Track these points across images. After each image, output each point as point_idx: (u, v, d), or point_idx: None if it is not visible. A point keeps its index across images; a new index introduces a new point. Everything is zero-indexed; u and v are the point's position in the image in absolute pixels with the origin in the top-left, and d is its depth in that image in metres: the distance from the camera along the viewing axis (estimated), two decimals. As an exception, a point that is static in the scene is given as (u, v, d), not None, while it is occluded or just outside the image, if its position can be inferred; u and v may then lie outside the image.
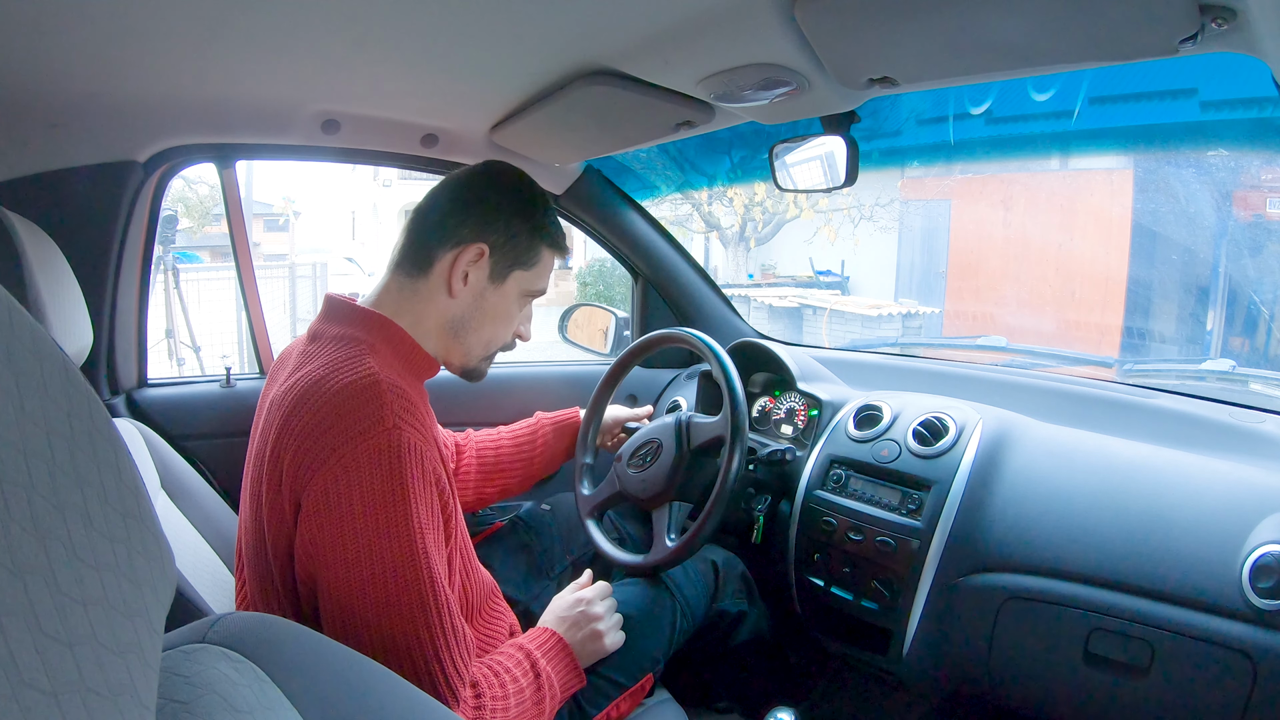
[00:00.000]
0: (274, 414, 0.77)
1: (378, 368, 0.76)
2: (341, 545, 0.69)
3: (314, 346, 0.82)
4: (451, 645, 0.73)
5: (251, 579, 0.81)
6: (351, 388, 0.73)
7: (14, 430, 0.21)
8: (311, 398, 0.73)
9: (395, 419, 0.71)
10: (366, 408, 0.71)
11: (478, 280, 0.86)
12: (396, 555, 0.70)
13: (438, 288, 0.85)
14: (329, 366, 0.76)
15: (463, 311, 0.87)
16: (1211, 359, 4.48)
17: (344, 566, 0.69)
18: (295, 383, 0.76)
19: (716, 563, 1.16)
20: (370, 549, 0.69)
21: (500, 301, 0.88)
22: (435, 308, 0.86)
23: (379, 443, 0.70)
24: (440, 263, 0.84)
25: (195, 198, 10.86)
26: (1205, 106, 3.70)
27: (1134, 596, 0.86)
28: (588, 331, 1.77)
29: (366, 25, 0.82)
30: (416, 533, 0.71)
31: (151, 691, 0.26)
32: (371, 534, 0.69)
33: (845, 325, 7.23)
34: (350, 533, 0.69)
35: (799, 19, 0.69)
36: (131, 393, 1.32)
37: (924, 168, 7.35)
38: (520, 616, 1.05)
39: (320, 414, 0.72)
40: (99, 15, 0.76)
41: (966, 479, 1.02)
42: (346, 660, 0.46)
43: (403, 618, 0.70)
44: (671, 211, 9.49)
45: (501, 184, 0.89)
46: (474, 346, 0.90)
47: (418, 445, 0.72)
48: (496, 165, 0.91)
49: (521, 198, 0.88)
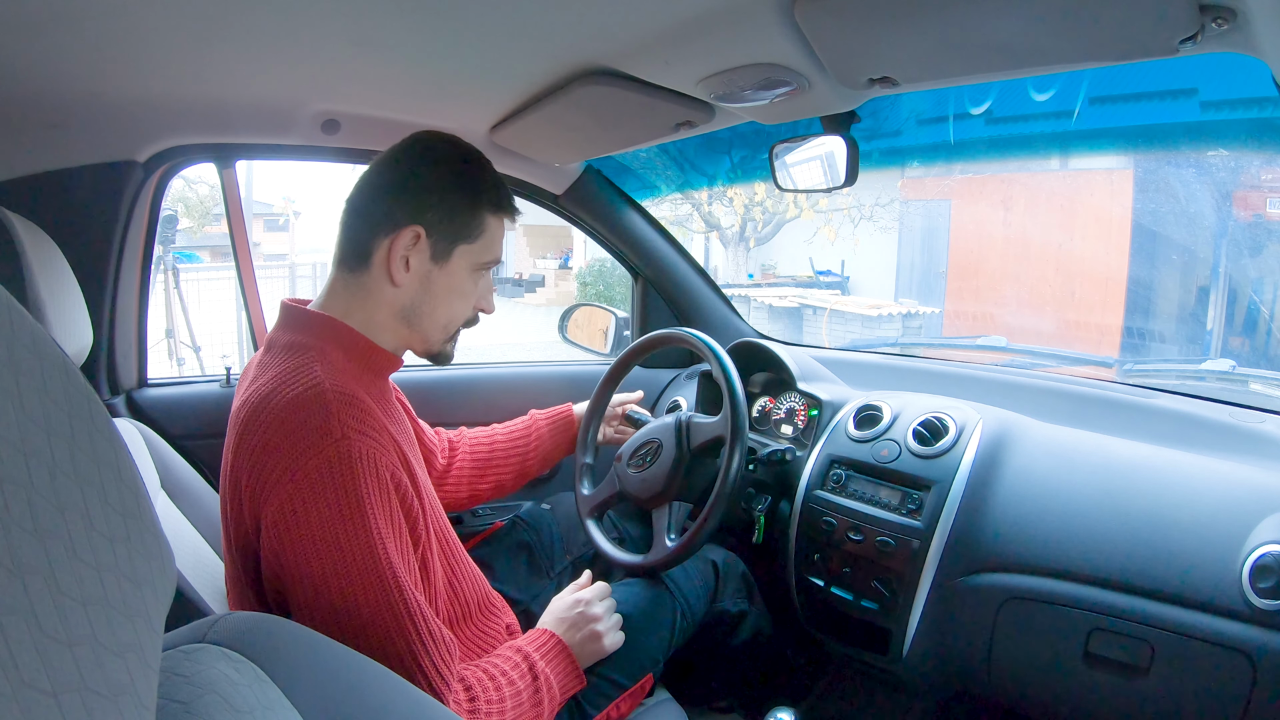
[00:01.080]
0: (231, 431, 0.76)
1: (323, 376, 0.74)
2: (305, 563, 0.68)
3: (268, 357, 0.80)
4: (430, 649, 0.72)
5: (231, 580, 0.81)
6: (296, 401, 0.71)
7: (14, 430, 0.21)
8: (260, 414, 0.72)
9: (343, 429, 0.70)
10: (312, 420, 0.70)
11: (420, 264, 0.81)
12: (359, 567, 0.68)
13: (380, 279, 0.81)
14: (276, 379, 0.74)
15: (411, 298, 0.82)
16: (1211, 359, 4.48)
17: (309, 583, 0.69)
18: (248, 398, 0.75)
19: (716, 563, 1.16)
20: (333, 565, 0.68)
21: (449, 280, 0.83)
22: (383, 299, 0.82)
23: (328, 455, 0.69)
24: (377, 253, 0.80)
25: (195, 198, 10.86)
26: (1205, 106, 3.70)
27: (1134, 596, 0.86)
28: (588, 331, 1.77)
29: (366, 25, 0.82)
30: (377, 542, 0.69)
31: (151, 691, 0.26)
32: (332, 550, 0.68)
33: (845, 325, 7.23)
34: (311, 551, 0.68)
35: (799, 19, 0.69)
36: (131, 393, 1.32)
37: (924, 168, 7.35)
38: (520, 616, 1.05)
39: (269, 431, 0.71)
40: (99, 15, 0.76)
41: (966, 479, 1.02)
42: (346, 660, 0.46)
43: (375, 628, 0.69)
44: (671, 211, 9.49)
45: (430, 157, 0.82)
46: (431, 331, 0.85)
47: (369, 452, 0.71)
48: (423, 137, 0.84)
49: (453, 168, 0.82)
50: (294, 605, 0.70)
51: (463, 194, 0.82)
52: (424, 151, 0.83)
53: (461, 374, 1.58)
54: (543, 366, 1.68)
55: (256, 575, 0.75)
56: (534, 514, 1.27)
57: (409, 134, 0.86)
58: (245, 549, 0.74)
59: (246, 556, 0.74)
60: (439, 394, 1.51)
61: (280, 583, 0.71)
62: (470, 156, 0.84)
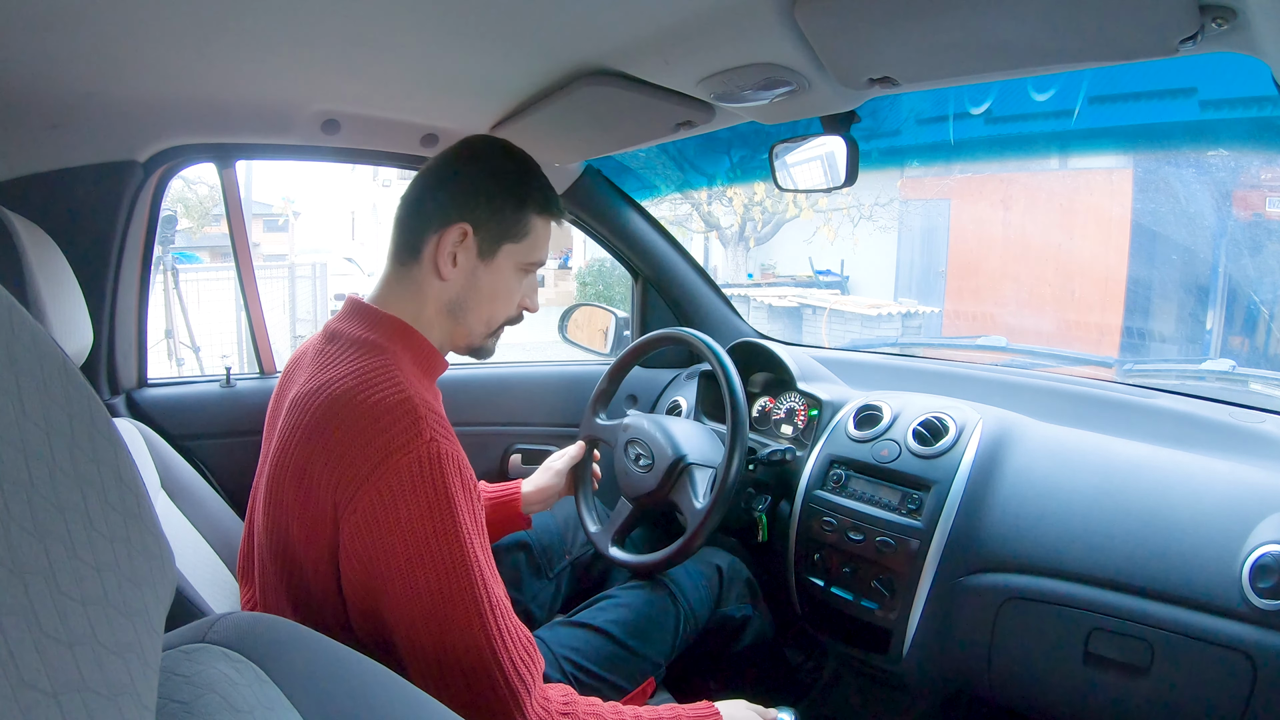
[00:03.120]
0: (298, 416, 0.75)
1: (406, 382, 0.75)
2: (393, 558, 0.70)
3: (333, 348, 0.80)
4: (511, 647, 0.73)
5: (273, 588, 0.79)
6: (386, 404, 0.72)
7: (14, 430, 0.21)
8: (345, 411, 0.73)
9: (431, 432, 0.72)
10: (403, 422, 0.71)
11: (467, 260, 0.83)
12: (448, 563, 0.70)
13: (429, 273, 0.83)
14: (358, 377, 0.75)
15: (458, 293, 0.85)
16: (1211, 359, 4.48)
17: (398, 579, 0.70)
18: (322, 388, 0.75)
19: (721, 567, 1.16)
20: (422, 559, 0.69)
21: (495, 278, 0.86)
22: (431, 293, 0.84)
23: (419, 455, 0.70)
24: (427, 248, 0.83)
25: (195, 198, 10.86)
26: (1205, 106, 3.70)
27: (1134, 596, 0.86)
28: (588, 331, 1.77)
29: (366, 25, 0.82)
30: (466, 539, 0.71)
31: (151, 691, 0.26)
32: (421, 544, 0.69)
33: (845, 325, 7.24)
34: (400, 545, 0.69)
35: (799, 19, 0.69)
36: (131, 393, 1.32)
37: (923, 167, 7.35)
38: (520, 616, 1.05)
39: (356, 429, 0.72)
40: (99, 15, 0.76)
41: (966, 479, 1.02)
42: (347, 660, 0.46)
43: (458, 624, 0.70)
44: (671, 211, 9.49)
45: (481, 157, 0.86)
46: (475, 325, 0.87)
47: (455, 455, 0.73)
48: (477, 140, 0.88)
49: (503, 169, 0.85)
50: (382, 602, 0.71)
51: (510, 195, 0.84)
52: (475, 153, 0.86)
53: (462, 374, 1.58)
54: (543, 366, 1.68)
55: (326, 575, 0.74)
56: (534, 514, 1.27)
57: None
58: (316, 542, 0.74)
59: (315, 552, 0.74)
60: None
61: (367, 578, 0.71)
62: (519, 159, 0.87)
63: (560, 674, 0.96)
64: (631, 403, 1.60)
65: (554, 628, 1.03)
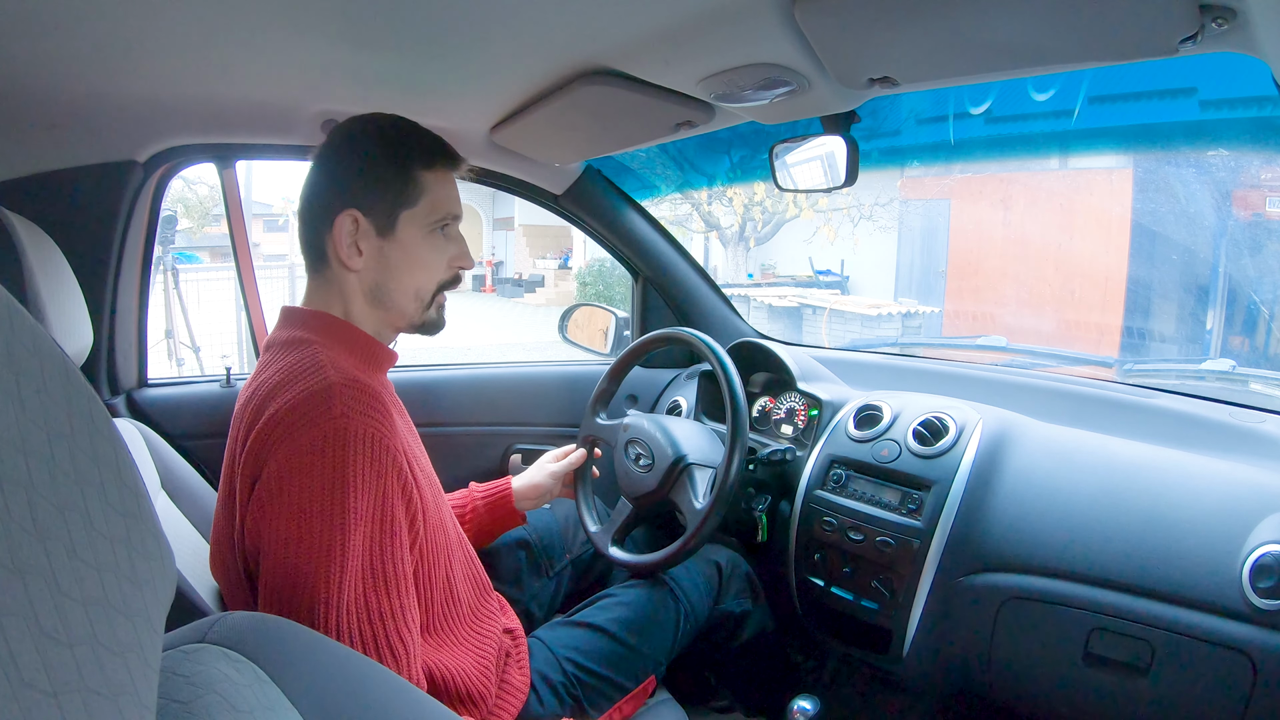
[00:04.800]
0: (236, 425, 0.78)
1: (328, 364, 0.76)
2: (277, 533, 0.69)
3: (269, 355, 0.82)
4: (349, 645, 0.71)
5: (225, 580, 0.82)
6: (304, 387, 0.73)
7: (14, 430, 0.21)
8: (269, 402, 0.74)
9: (344, 408, 0.71)
10: (315, 399, 0.72)
11: (369, 244, 0.81)
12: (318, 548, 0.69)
13: (339, 270, 0.83)
14: (283, 371, 0.77)
15: (374, 278, 0.83)
16: (1211, 359, 4.49)
17: (272, 554, 0.70)
18: (255, 390, 0.77)
19: (720, 564, 1.16)
20: (299, 538, 0.69)
21: (404, 251, 0.83)
22: (350, 288, 0.83)
23: (324, 430, 0.70)
24: (329, 247, 0.82)
25: (195, 198, 10.85)
26: (1205, 105, 3.70)
27: (1134, 596, 0.86)
28: (588, 331, 1.77)
29: (366, 25, 0.82)
30: (350, 526, 0.69)
31: (151, 691, 0.26)
32: (301, 521, 0.69)
33: (845, 325, 7.24)
34: (286, 520, 0.69)
35: (799, 19, 0.69)
36: (131, 393, 1.32)
37: (924, 167, 7.35)
38: (521, 616, 1.05)
39: (277, 410, 0.73)
40: (99, 15, 0.76)
41: (967, 479, 1.02)
42: (346, 660, 0.46)
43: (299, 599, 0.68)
44: (671, 211, 9.49)
45: (349, 138, 0.83)
46: (404, 303, 0.85)
47: (367, 433, 0.71)
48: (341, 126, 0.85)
49: (374, 139, 0.82)
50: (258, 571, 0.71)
51: (386, 163, 0.81)
52: (343, 137, 0.84)
53: (462, 374, 1.58)
54: (543, 366, 1.68)
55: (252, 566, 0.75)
56: (534, 513, 1.27)
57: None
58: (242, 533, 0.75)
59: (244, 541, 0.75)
60: (439, 394, 1.51)
61: (255, 545, 0.72)
62: (390, 123, 0.84)
63: (561, 673, 0.96)
64: (631, 403, 1.60)
65: (554, 627, 1.03)
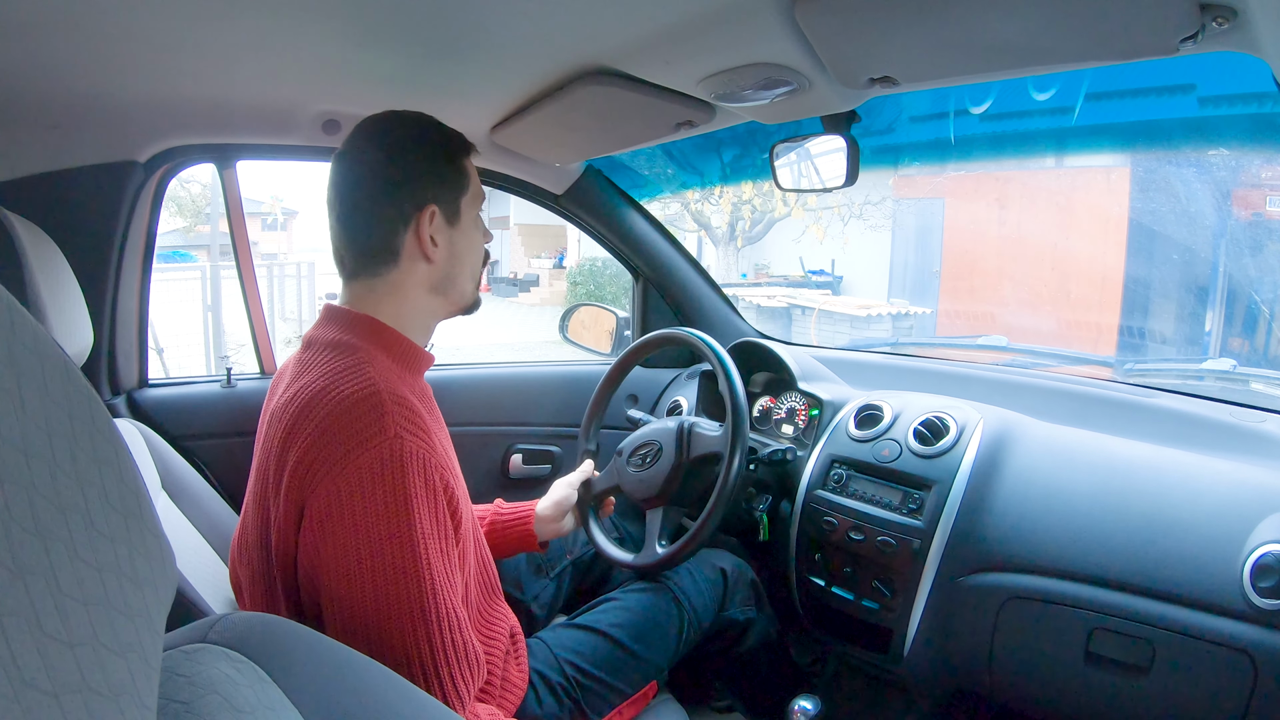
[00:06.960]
0: (275, 427, 0.76)
1: (377, 376, 0.75)
2: (344, 556, 0.69)
3: (309, 354, 0.81)
4: (453, 660, 0.72)
5: (250, 580, 0.80)
6: (353, 398, 0.72)
7: (15, 430, 0.21)
8: (314, 409, 0.73)
9: (397, 429, 0.71)
10: (368, 417, 0.71)
11: (443, 235, 0.84)
12: (399, 567, 0.69)
13: (411, 268, 0.83)
14: (329, 377, 0.75)
15: (444, 266, 0.85)
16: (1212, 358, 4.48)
17: (346, 578, 0.69)
18: (296, 394, 0.76)
19: (726, 570, 1.15)
20: (372, 561, 0.68)
21: (466, 235, 0.87)
22: (416, 280, 0.84)
23: (381, 453, 0.70)
24: (405, 245, 0.82)
25: (188, 196, 10.81)
26: (1204, 102, 3.69)
27: (1135, 596, 0.86)
28: (589, 331, 1.77)
29: (367, 25, 0.82)
30: (420, 544, 0.70)
31: (152, 692, 0.26)
32: (373, 546, 0.68)
33: (834, 326, 7.19)
34: (352, 544, 0.69)
35: (799, 19, 0.69)
36: (132, 393, 1.32)
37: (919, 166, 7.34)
38: (522, 617, 1.05)
39: (323, 425, 0.71)
40: (99, 15, 0.76)
41: (967, 479, 1.02)
42: (347, 660, 0.46)
43: (402, 630, 0.69)
44: (661, 211, 9.47)
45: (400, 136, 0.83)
46: (466, 284, 0.89)
47: (420, 453, 0.72)
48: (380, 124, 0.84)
49: (422, 134, 0.84)
50: (324, 596, 0.70)
51: (441, 153, 0.84)
52: (390, 135, 0.83)
53: (462, 374, 1.57)
54: (543, 366, 1.68)
55: (289, 573, 0.74)
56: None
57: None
58: (282, 545, 0.74)
59: (284, 553, 0.74)
60: (440, 394, 1.51)
61: (315, 575, 0.71)
62: (423, 119, 0.86)
63: (561, 676, 0.96)
64: (632, 402, 1.60)
65: (555, 630, 1.03)
